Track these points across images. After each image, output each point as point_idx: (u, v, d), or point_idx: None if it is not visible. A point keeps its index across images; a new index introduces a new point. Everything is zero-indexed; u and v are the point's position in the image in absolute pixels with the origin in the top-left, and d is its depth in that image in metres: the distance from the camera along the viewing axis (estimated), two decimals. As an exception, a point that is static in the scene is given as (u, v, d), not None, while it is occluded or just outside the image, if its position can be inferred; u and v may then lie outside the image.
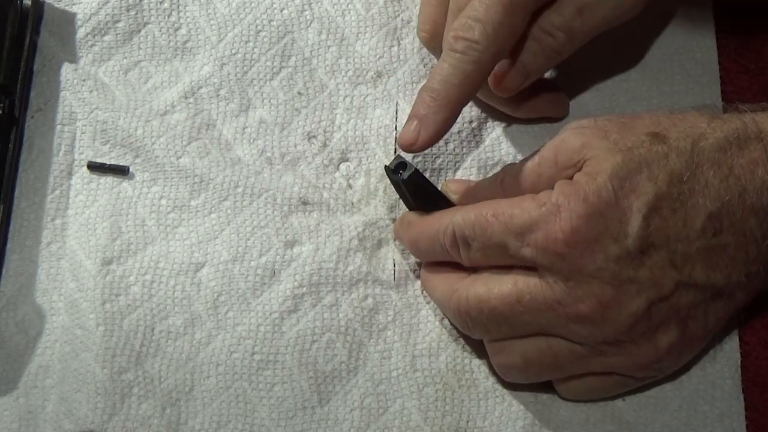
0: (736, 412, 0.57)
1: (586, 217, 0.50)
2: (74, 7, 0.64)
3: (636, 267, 0.50)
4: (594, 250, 0.50)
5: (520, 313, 0.52)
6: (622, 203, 0.50)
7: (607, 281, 0.50)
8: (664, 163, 0.50)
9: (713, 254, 0.51)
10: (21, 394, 0.56)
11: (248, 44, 0.64)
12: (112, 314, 0.57)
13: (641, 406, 0.57)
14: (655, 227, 0.50)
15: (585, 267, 0.50)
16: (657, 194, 0.50)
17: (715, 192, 0.50)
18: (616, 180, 0.50)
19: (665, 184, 0.50)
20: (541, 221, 0.50)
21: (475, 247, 0.53)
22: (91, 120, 0.61)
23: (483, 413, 0.57)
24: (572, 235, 0.50)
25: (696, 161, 0.50)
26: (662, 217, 0.50)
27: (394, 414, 0.57)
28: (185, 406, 0.56)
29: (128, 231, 0.59)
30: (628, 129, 0.52)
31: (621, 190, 0.50)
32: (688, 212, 0.50)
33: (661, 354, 0.53)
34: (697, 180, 0.50)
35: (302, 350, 0.58)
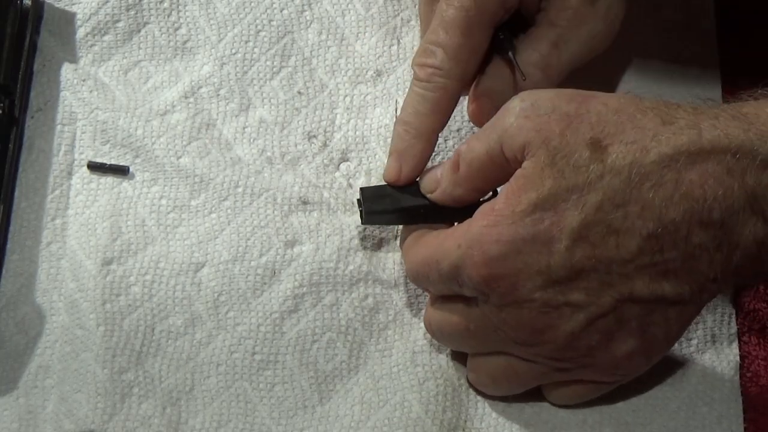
0: (734, 414, 0.57)
1: (501, 258, 0.49)
2: (74, 7, 0.64)
3: (566, 292, 0.49)
4: (517, 284, 0.49)
5: (472, 337, 0.54)
6: (542, 236, 0.48)
7: (536, 309, 0.50)
8: (598, 186, 0.48)
9: (657, 269, 0.48)
10: (21, 394, 0.56)
11: (248, 44, 0.64)
12: (113, 314, 0.57)
13: (640, 407, 0.57)
14: (582, 255, 0.48)
15: (514, 299, 0.50)
16: (582, 223, 0.48)
17: (654, 212, 0.47)
18: (537, 213, 0.48)
19: (594, 210, 0.48)
20: (462, 263, 0.50)
21: (431, 288, 0.55)
22: (91, 120, 0.61)
23: (480, 414, 0.57)
24: (491, 277, 0.50)
25: (633, 181, 0.47)
26: (590, 244, 0.48)
27: (395, 406, 0.57)
28: (186, 406, 0.56)
29: (128, 231, 0.59)
30: (572, 131, 0.49)
31: (541, 223, 0.48)
32: (621, 236, 0.48)
33: (622, 362, 0.52)
34: (634, 202, 0.47)
35: (303, 350, 0.58)
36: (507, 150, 0.50)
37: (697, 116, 0.48)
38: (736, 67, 0.64)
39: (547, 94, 0.50)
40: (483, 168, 0.52)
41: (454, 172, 0.53)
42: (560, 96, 0.50)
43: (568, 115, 0.49)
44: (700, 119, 0.48)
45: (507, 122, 0.50)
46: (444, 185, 0.54)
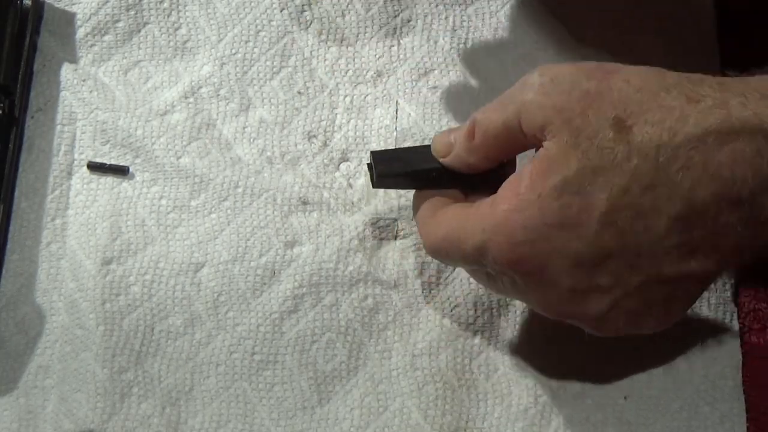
0: (737, 414, 0.57)
1: (528, 244, 0.48)
2: (74, 7, 0.64)
3: (593, 276, 0.48)
4: (544, 269, 0.48)
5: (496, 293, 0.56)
6: (569, 221, 0.47)
7: (563, 294, 0.49)
8: (624, 168, 0.46)
9: (684, 249, 0.47)
10: (21, 394, 0.56)
11: (248, 44, 0.64)
12: (112, 314, 0.57)
13: (642, 406, 0.57)
14: (609, 239, 0.47)
15: (538, 283, 0.49)
16: (610, 207, 0.47)
17: (682, 194, 0.46)
18: (564, 197, 0.47)
19: (621, 194, 0.47)
20: (486, 247, 0.49)
21: (453, 264, 0.56)
22: (91, 120, 0.61)
23: (482, 414, 0.57)
24: (517, 262, 0.49)
25: (661, 164, 0.46)
26: (617, 228, 0.47)
27: (394, 412, 0.57)
28: (185, 406, 0.56)
29: (128, 231, 0.59)
30: (593, 110, 0.47)
31: (569, 208, 0.47)
32: (649, 219, 0.47)
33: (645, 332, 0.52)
34: (661, 184, 0.46)
35: (302, 350, 0.58)
36: (525, 126, 0.49)
37: (723, 93, 0.46)
38: (736, 67, 0.64)
39: (567, 68, 0.49)
40: (499, 139, 0.51)
41: (469, 139, 0.52)
42: (580, 71, 0.48)
43: (589, 93, 0.47)
44: (728, 97, 0.46)
45: (526, 97, 0.49)
46: (457, 151, 0.53)
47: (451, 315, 0.59)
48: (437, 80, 0.63)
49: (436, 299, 0.59)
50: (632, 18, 0.65)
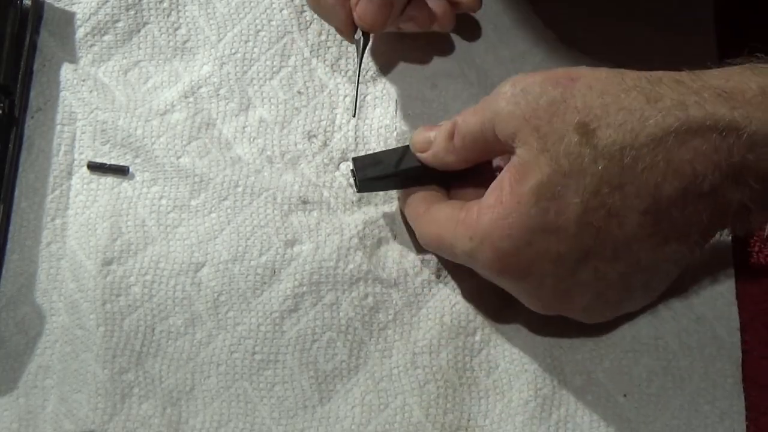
0: (736, 412, 0.57)
1: (512, 252, 0.51)
2: (74, 7, 0.64)
3: (576, 274, 0.51)
4: (528, 272, 0.52)
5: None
6: (549, 226, 0.50)
7: (548, 293, 0.53)
8: (592, 171, 0.49)
9: (658, 238, 0.50)
10: (21, 394, 0.56)
11: (248, 44, 0.64)
12: (113, 314, 0.57)
13: (642, 404, 0.57)
14: (587, 238, 0.50)
15: (525, 285, 0.53)
16: (585, 209, 0.49)
17: (648, 191, 0.49)
18: (542, 202, 0.49)
19: (592, 195, 0.49)
20: (474, 255, 0.52)
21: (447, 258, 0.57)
22: (91, 120, 0.61)
23: (484, 411, 0.57)
24: (503, 269, 0.52)
25: (626, 164, 0.48)
26: (593, 227, 0.50)
27: (395, 410, 0.57)
28: (186, 406, 0.56)
29: (128, 231, 0.59)
30: (559, 117, 0.49)
31: (547, 213, 0.49)
32: (621, 216, 0.49)
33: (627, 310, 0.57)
34: (629, 183, 0.49)
35: (303, 349, 0.58)
36: (499, 133, 0.52)
37: (681, 94, 0.48)
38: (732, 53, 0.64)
39: (535, 78, 0.51)
40: (476, 143, 0.54)
41: (449, 140, 0.55)
42: (547, 80, 0.51)
43: (555, 101, 0.50)
44: (685, 96, 0.48)
45: (499, 106, 0.52)
46: (436, 150, 0.56)
47: (452, 312, 0.59)
48: (436, 79, 0.63)
49: (436, 297, 0.59)
50: (632, 18, 0.65)
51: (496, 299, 0.59)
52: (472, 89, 0.63)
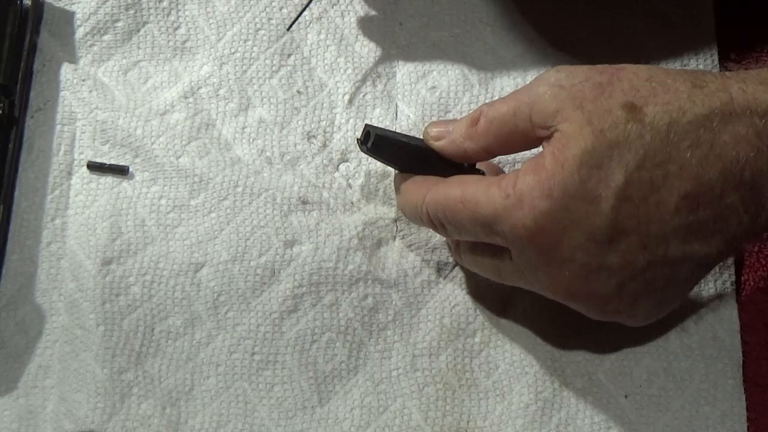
0: (737, 413, 0.57)
1: (550, 214, 0.49)
2: (73, 7, 0.64)
3: (605, 254, 0.49)
4: (560, 242, 0.49)
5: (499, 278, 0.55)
6: (589, 194, 0.48)
7: (574, 271, 0.50)
8: (638, 144, 0.48)
9: (690, 230, 0.49)
10: (21, 394, 0.56)
11: (247, 43, 0.64)
12: (112, 314, 0.57)
13: (643, 405, 0.57)
14: (624, 215, 0.48)
15: (552, 258, 0.50)
16: (627, 181, 0.48)
17: (691, 172, 0.48)
18: (584, 169, 0.48)
19: (636, 168, 0.48)
20: (506, 214, 0.50)
21: (449, 228, 0.54)
22: (91, 120, 0.61)
23: (483, 413, 0.57)
24: (536, 232, 0.49)
25: (672, 141, 0.48)
26: (632, 204, 0.48)
27: (395, 413, 0.57)
28: (185, 406, 0.56)
29: (128, 231, 0.59)
30: (605, 97, 0.49)
31: (589, 180, 0.48)
32: (661, 195, 0.48)
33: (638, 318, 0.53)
34: (672, 161, 0.48)
35: (302, 350, 0.58)
36: (536, 114, 0.50)
37: (725, 80, 0.49)
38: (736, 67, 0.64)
39: (581, 67, 0.51)
40: (504, 127, 0.52)
41: (472, 125, 0.53)
42: (593, 68, 0.51)
43: (601, 84, 0.50)
44: (729, 83, 0.49)
45: (540, 90, 0.51)
46: (455, 136, 0.54)
47: (451, 314, 0.59)
48: (436, 80, 0.63)
49: (435, 298, 0.59)
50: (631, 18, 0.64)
51: (497, 301, 0.59)
52: (473, 90, 0.63)
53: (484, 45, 0.65)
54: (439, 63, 0.64)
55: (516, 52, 0.65)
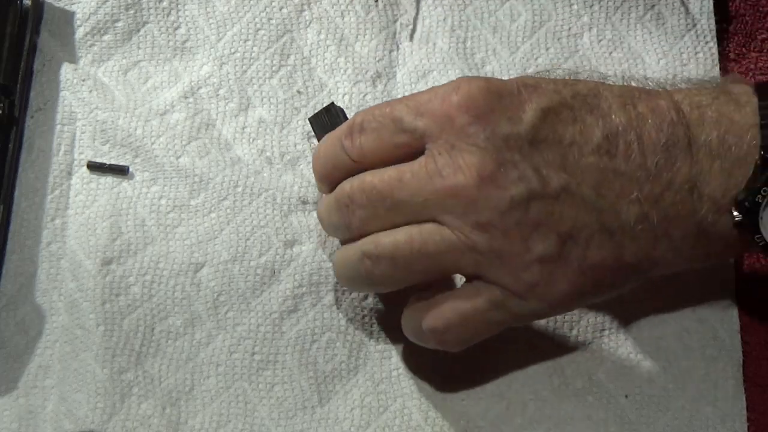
0: (738, 413, 0.57)
1: (484, 91, 0.50)
2: (73, 7, 0.64)
3: (523, 154, 0.49)
4: (485, 120, 0.49)
5: (400, 189, 0.51)
6: (523, 95, 0.50)
7: (489, 154, 0.49)
8: (572, 84, 0.51)
9: (604, 176, 0.49)
10: (21, 394, 0.56)
11: (247, 43, 0.64)
12: (112, 314, 0.57)
13: (644, 405, 0.57)
14: (550, 124, 0.49)
15: (471, 135, 0.49)
16: (560, 101, 0.50)
17: (615, 117, 0.50)
18: (523, 83, 0.50)
19: (569, 96, 0.50)
20: (441, 92, 0.51)
21: (369, 127, 0.52)
22: (91, 120, 0.61)
23: (482, 412, 0.57)
24: (466, 101, 0.50)
25: (602, 92, 0.51)
26: (560, 120, 0.50)
27: (395, 413, 0.57)
28: (185, 406, 0.56)
29: (128, 231, 0.59)
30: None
31: (525, 88, 0.50)
32: (587, 125, 0.50)
33: (532, 261, 0.49)
34: (601, 102, 0.50)
35: (302, 350, 0.58)
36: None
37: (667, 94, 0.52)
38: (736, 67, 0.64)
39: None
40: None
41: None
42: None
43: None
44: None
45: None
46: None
47: (451, 314, 0.59)
48: (436, 81, 0.63)
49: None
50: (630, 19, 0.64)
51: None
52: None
53: (485, 45, 0.64)
54: (439, 63, 0.64)
55: (516, 53, 0.64)
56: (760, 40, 0.64)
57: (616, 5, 0.65)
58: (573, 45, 0.64)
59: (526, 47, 0.65)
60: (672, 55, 0.64)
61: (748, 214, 0.49)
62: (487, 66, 0.64)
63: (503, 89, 0.50)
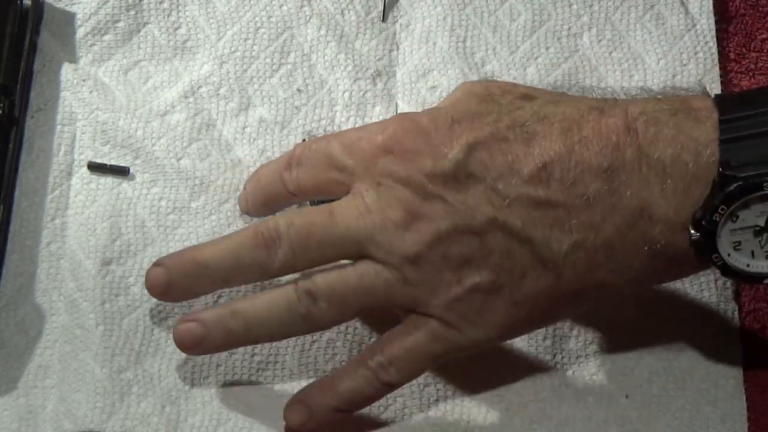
0: (738, 413, 0.57)
1: (410, 132, 0.51)
2: (74, 7, 0.64)
3: (448, 190, 0.49)
4: (409, 159, 0.50)
5: (331, 226, 0.51)
6: (454, 131, 0.50)
7: (414, 190, 0.50)
8: (515, 111, 0.50)
9: (537, 207, 0.49)
10: (21, 394, 0.56)
11: (247, 41, 0.64)
12: (112, 314, 0.57)
13: (644, 405, 0.57)
14: (478, 160, 0.49)
15: (394, 173, 0.50)
16: (491, 134, 0.49)
17: (554, 145, 0.49)
18: (458, 115, 0.51)
19: (504, 128, 0.50)
20: (369, 131, 0.52)
21: (306, 162, 0.54)
22: (91, 120, 0.61)
23: (483, 413, 0.57)
24: (390, 140, 0.51)
25: (545, 115, 0.50)
26: (489, 153, 0.49)
27: (395, 413, 0.57)
28: (185, 404, 0.56)
29: (128, 232, 0.59)
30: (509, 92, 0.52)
31: (459, 124, 0.50)
32: (519, 156, 0.49)
33: (464, 292, 0.50)
34: (543, 128, 0.49)
35: (302, 350, 0.58)
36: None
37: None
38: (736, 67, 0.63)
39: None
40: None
41: None
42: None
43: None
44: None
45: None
46: None
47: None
48: (436, 80, 0.63)
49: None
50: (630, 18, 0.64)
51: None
52: (473, 90, 0.63)
53: (485, 44, 0.64)
54: (439, 62, 0.64)
55: (516, 53, 0.64)
56: (760, 40, 0.64)
57: (616, 5, 0.65)
58: (573, 45, 0.64)
59: (525, 47, 0.64)
60: (672, 55, 0.64)
61: (706, 233, 0.48)
62: (487, 65, 0.64)
63: (433, 126, 0.51)
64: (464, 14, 0.65)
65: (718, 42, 0.64)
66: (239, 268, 0.53)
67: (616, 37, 0.64)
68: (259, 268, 0.52)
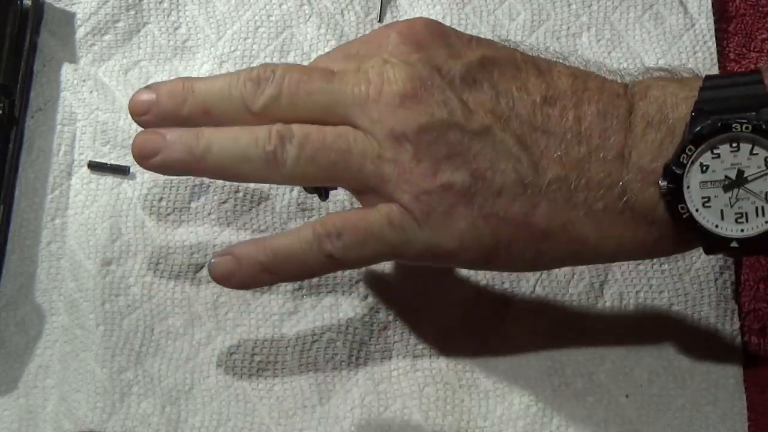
0: (738, 413, 0.57)
1: (431, 27, 0.51)
2: (74, 7, 0.64)
3: (453, 86, 0.49)
4: (421, 47, 0.50)
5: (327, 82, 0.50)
6: (472, 45, 0.51)
7: (419, 73, 0.49)
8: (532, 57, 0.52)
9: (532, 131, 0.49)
10: (21, 394, 0.56)
11: (247, 41, 0.64)
12: (112, 314, 0.57)
13: (644, 404, 0.57)
14: (489, 71, 0.50)
15: (404, 53, 0.50)
16: (507, 56, 0.51)
17: (560, 83, 0.50)
18: (479, 38, 0.52)
19: (520, 59, 0.51)
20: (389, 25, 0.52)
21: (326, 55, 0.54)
22: (92, 120, 0.61)
23: (484, 413, 0.57)
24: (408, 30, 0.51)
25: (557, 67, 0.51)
26: (501, 71, 0.50)
27: (395, 413, 0.57)
28: (185, 405, 0.56)
29: (128, 232, 0.59)
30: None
31: (479, 42, 0.51)
32: (528, 84, 0.50)
33: (436, 186, 0.48)
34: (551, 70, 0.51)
35: (302, 350, 0.58)
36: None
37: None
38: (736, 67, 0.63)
39: None
40: None
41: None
42: None
43: None
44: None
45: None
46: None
47: (451, 313, 0.59)
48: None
49: (435, 298, 0.59)
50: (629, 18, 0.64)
51: (496, 300, 0.59)
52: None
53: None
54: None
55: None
56: (760, 40, 0.64)
57: (615, 5, 0.65)
58: (572, 44, 0.64)
59: (525, 46, 0.64)
60: (671, 54, 0.64)
61: (674, 179, 0.47)
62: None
63: (455, 33, 0.51)
64: (463, 13, 0.65)
65: (718, 42, 0.63)
66: (224, 97, 0.51)
67: (615, 36, 0.64)
68: (242, 101, 0.50)
